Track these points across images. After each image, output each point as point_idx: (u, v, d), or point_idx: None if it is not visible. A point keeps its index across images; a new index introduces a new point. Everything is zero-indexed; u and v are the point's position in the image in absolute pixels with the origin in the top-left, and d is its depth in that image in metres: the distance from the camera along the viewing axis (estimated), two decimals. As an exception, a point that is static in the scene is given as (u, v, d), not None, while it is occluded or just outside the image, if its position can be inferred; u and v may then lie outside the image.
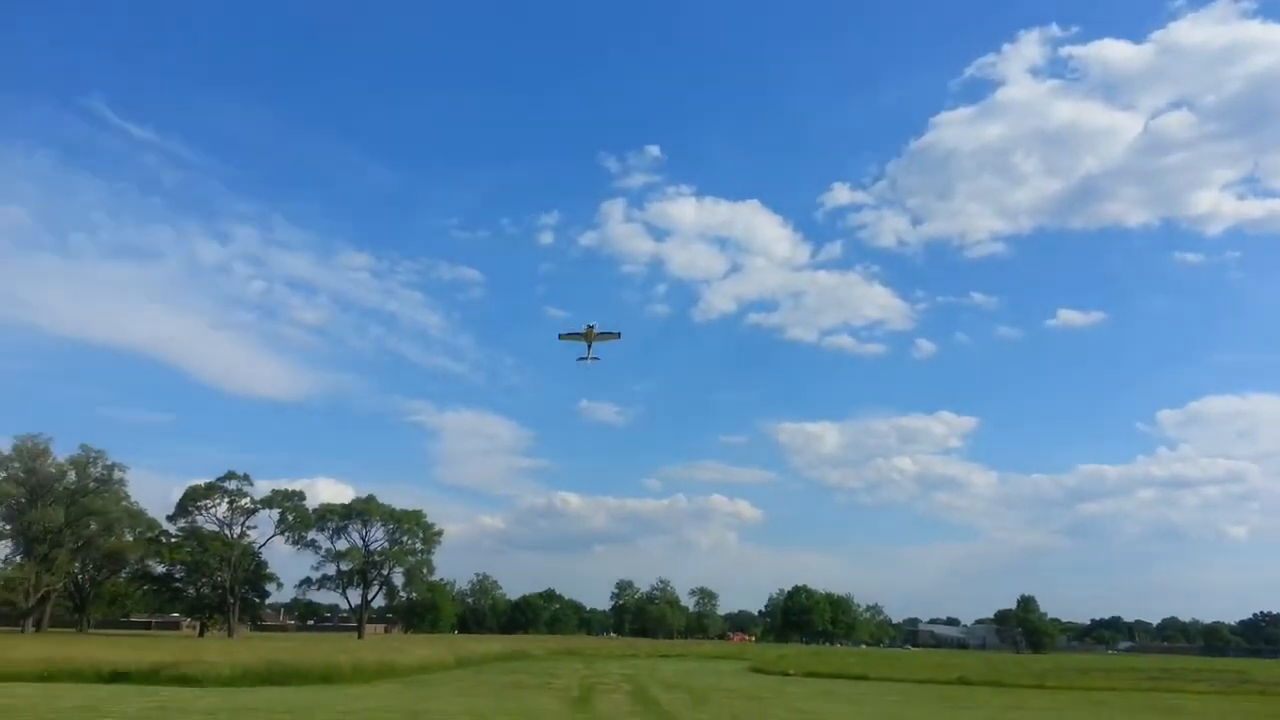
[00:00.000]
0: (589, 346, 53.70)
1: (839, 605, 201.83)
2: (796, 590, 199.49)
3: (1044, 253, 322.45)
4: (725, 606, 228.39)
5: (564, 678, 47.05)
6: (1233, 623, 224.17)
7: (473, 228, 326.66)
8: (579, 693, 36.72)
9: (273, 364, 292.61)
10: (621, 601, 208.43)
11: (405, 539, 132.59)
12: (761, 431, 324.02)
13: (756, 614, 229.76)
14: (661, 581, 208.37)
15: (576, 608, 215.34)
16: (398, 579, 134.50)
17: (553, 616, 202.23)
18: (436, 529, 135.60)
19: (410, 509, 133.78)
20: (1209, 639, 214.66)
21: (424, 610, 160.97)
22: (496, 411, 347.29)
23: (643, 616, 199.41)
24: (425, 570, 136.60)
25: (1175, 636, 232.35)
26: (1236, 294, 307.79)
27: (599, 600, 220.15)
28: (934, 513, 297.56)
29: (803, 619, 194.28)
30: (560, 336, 55.21)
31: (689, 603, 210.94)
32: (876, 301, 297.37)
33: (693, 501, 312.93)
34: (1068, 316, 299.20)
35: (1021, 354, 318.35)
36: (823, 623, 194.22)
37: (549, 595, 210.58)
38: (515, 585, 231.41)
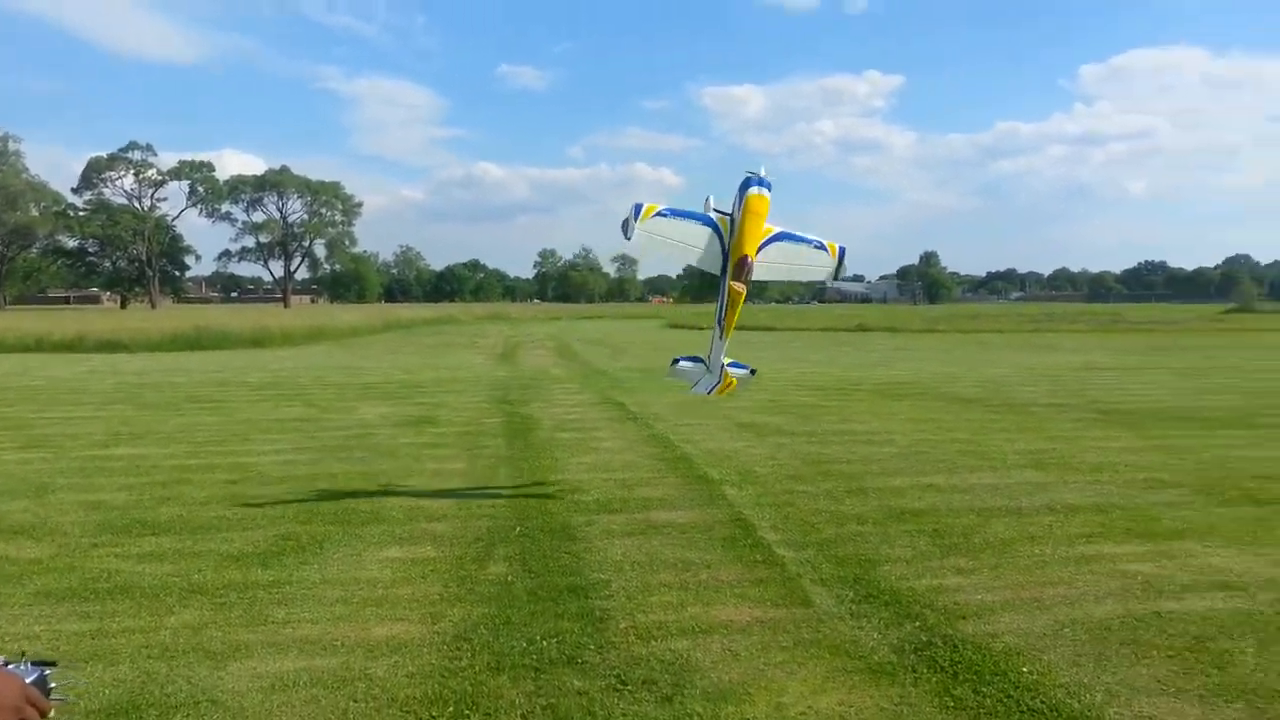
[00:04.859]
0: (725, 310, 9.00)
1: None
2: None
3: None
4: (646, 272, 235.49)
5: (490, 338, 49.31)
6: (1118, 272, 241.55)
7: None
8: (504, 350, 38.68)
9: (160, 21, 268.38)
10: (544, 270, 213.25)
11: (324, 211, 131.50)
12: (686, 96, 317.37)
13: (674, 278, 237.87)
14: (584, 249, 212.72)
15: (501, 276, 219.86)
16: (319, 250, 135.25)
17: (477, 285, 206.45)
18: (356, 200, 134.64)
19: (328, 180, 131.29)
20: (1094, 287, 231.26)
21: (349, 281, 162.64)
22: (410, 78, 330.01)
23: (565, 283, 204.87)
24: (347, 242, 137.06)
25: (1064, 286, 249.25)
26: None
27: (523, 269, 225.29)
28: (852, 178, 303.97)
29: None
30: (637, 220, 8.74)
31: (610, 269, 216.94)
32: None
33: (616, 170, 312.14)
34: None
35: (956, 6, 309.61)
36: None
37: (473, 265, 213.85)
38: (439, 256, 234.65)
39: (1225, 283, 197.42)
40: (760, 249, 8.98)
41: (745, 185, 9.18)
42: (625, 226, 8.77)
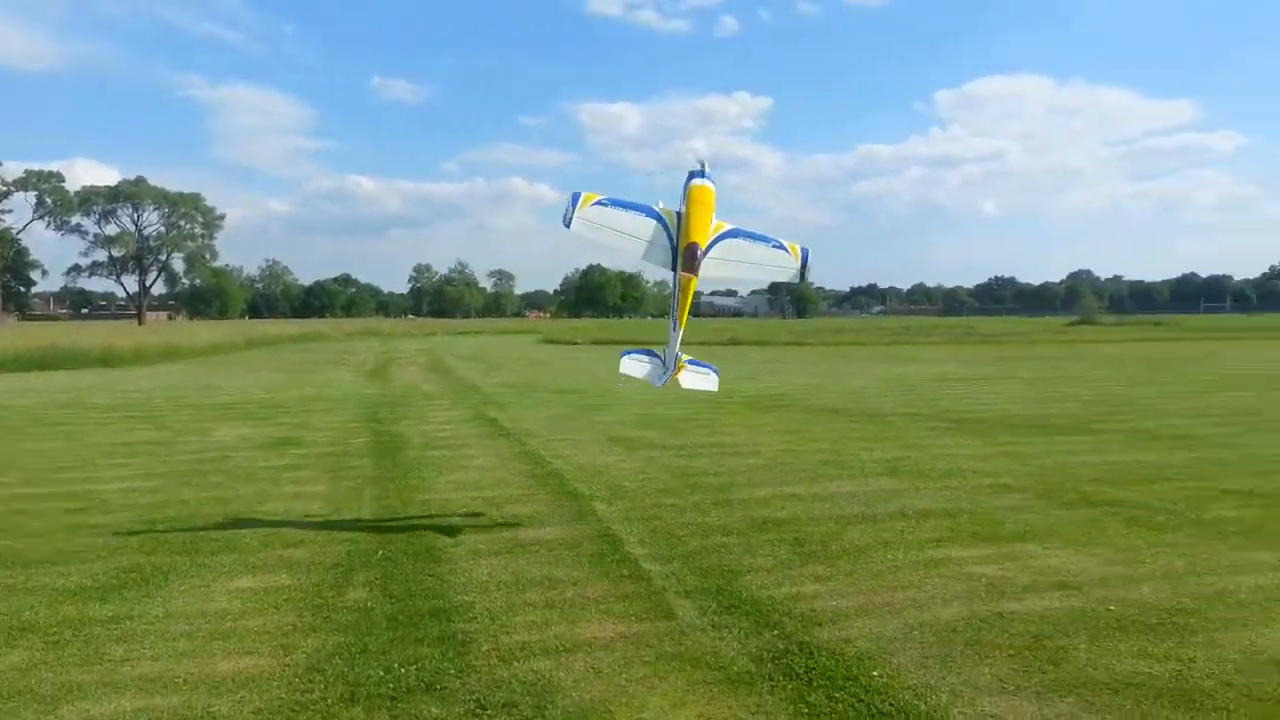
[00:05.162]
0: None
1: (629, 282, 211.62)
2: (590, 269, 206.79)
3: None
4: (523, 287, 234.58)
5: (361, 354, 48.00)
6: (970, 286, 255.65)
7: None
8: (375, 366, 37.72)
9: (4, 24, 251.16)
10: (419, 284, 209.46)
11: (183, 223, 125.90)
12: (563, 112, 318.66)
13: (552, 293, 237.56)
14: (460, 264, 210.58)
15: (374, 291, 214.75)
16: (178, 265, 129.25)
17: (349, 301, 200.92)
18: (218, 213, 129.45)
19: (187, 192, 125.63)
20: (949, 301, 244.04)
21: (210, 296, 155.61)
22: (278, 88, 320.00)
23: (441, 298, 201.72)
24: (207, 255, 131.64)
25: (921, 300, 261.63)
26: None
27: (396, 284, 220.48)
28: (724, 195, 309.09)
29: (596, 295, 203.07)
30: (575, 209, 8.65)
31: (487, 284, 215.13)
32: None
33: (492, 185, 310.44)
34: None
35: (820, 32, 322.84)
36: (614, 299, 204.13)
37: (344, 280, 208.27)
38: (308, 271, 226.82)
39: (1069, 297, 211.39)
40: (712, 245, 8.84)
41: (689, 178, 9.18)
42: (565, 215, 8.63)
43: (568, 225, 8.61)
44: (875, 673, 5.39)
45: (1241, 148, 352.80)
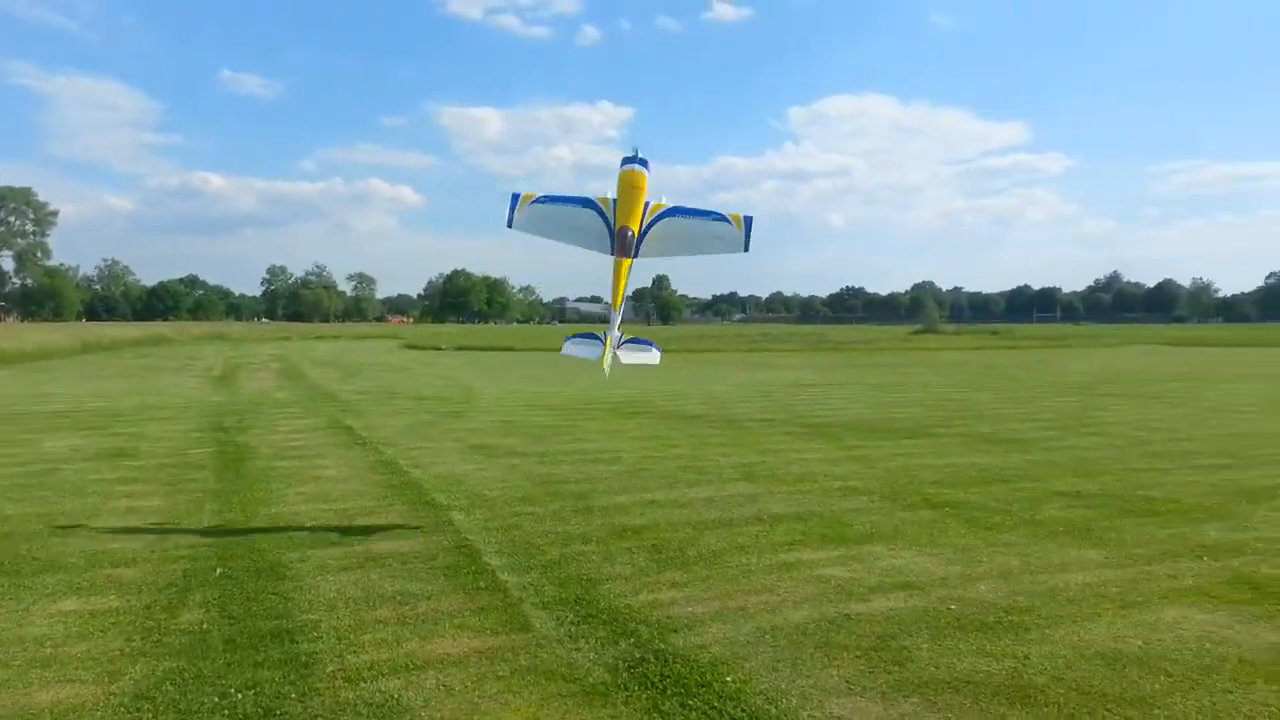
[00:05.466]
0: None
1: (494, 287, 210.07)
2: (455, 274, 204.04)
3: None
4: (384, 291, 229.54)
5: (208, 360, 45.71)
6: (824, 296, 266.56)
7: None
8: (223, 372, 35.97)
9: None
10: (274, 287, 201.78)
11: (12, 219, 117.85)
12: (425, 114, 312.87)
13: (415, 297, 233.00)
14: (318, 267, 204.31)
15: (224, 294, 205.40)
16: (7, 264, 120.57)
17: (196, 303, 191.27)
18: (50, 209, 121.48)
19: (17, 186, 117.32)
20: (804, 309, 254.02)
21: (43, 298, 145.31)
22: (120, 78, 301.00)
23: (297, 302, 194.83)
24: (39, 254, 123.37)
25: (779, 308, 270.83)
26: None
27: (249, 286, 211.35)
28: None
29: (460, 300, 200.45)
30: (515, 210, 9.18)
31: (346, 287, 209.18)
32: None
33: (351, 185, 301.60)
34: (722, 10, 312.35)
35: (679, 46, 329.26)
36: (479, 304, 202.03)
37: (191, 281, 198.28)
38: (152, 271, 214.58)
39: (914, 306, 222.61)
40: (652, 225, 9.15)
41: (622, 164, 9.44)
42: (507, 217, 9.10)
43: (510, 226, 9.05)
44: (728, 678, 5.45)
45: (1068, 169, 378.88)
